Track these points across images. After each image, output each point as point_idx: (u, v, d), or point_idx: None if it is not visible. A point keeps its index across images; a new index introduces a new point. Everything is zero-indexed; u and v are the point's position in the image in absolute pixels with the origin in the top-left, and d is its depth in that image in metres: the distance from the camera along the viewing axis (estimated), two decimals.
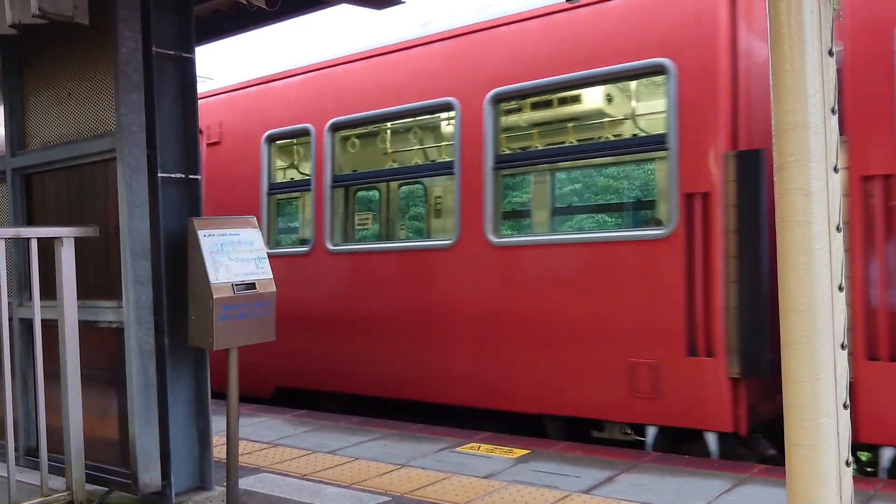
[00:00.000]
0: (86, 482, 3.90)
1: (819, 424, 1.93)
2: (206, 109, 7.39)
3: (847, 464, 1.97)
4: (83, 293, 3.93)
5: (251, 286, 3.96)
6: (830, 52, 1.95)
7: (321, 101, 7.04)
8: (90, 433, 3.96)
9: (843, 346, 1.96)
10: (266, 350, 4.99)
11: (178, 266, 3.98)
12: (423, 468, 4.71)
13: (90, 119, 4.16)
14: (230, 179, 7.74)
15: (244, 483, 4.39)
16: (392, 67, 6.62)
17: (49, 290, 3.87)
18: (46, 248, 3.86)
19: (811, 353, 1.93)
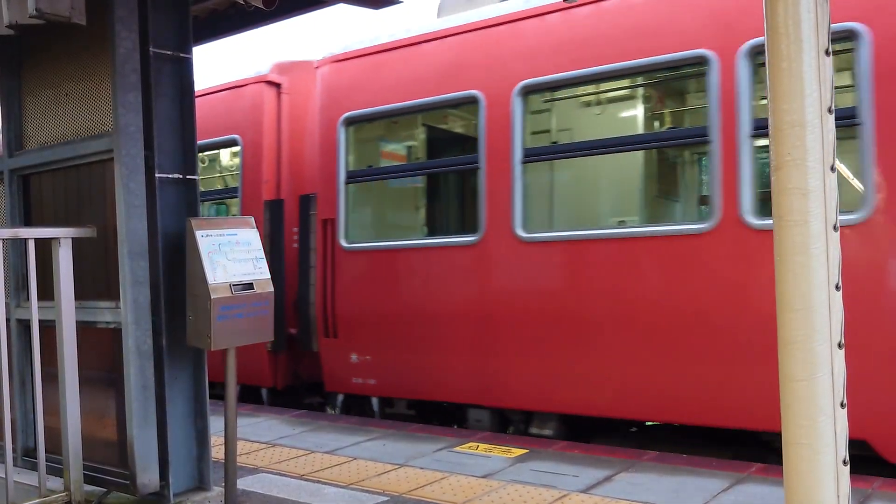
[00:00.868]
0: (84, 483, 3.90)
1: (817, 423, 1.94)
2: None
3: (844, 462, 1.97)
4: (81, 294, 3.93)
5: (249, 286, 3.96)
6: (827, 52, 1.95)
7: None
8: (88, 434, 3.96)
9: (841, 346, 1.96)
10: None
11: (176, 266, 3.98)
12: (422, 468, 4.71)
13: (88, 119, 4.16)
14: None
15: (242, 483, 4.39)
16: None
17: (47, 291, 3.86)
18: (44, 249, 3.87)
19: (808, 353, 1.93)
